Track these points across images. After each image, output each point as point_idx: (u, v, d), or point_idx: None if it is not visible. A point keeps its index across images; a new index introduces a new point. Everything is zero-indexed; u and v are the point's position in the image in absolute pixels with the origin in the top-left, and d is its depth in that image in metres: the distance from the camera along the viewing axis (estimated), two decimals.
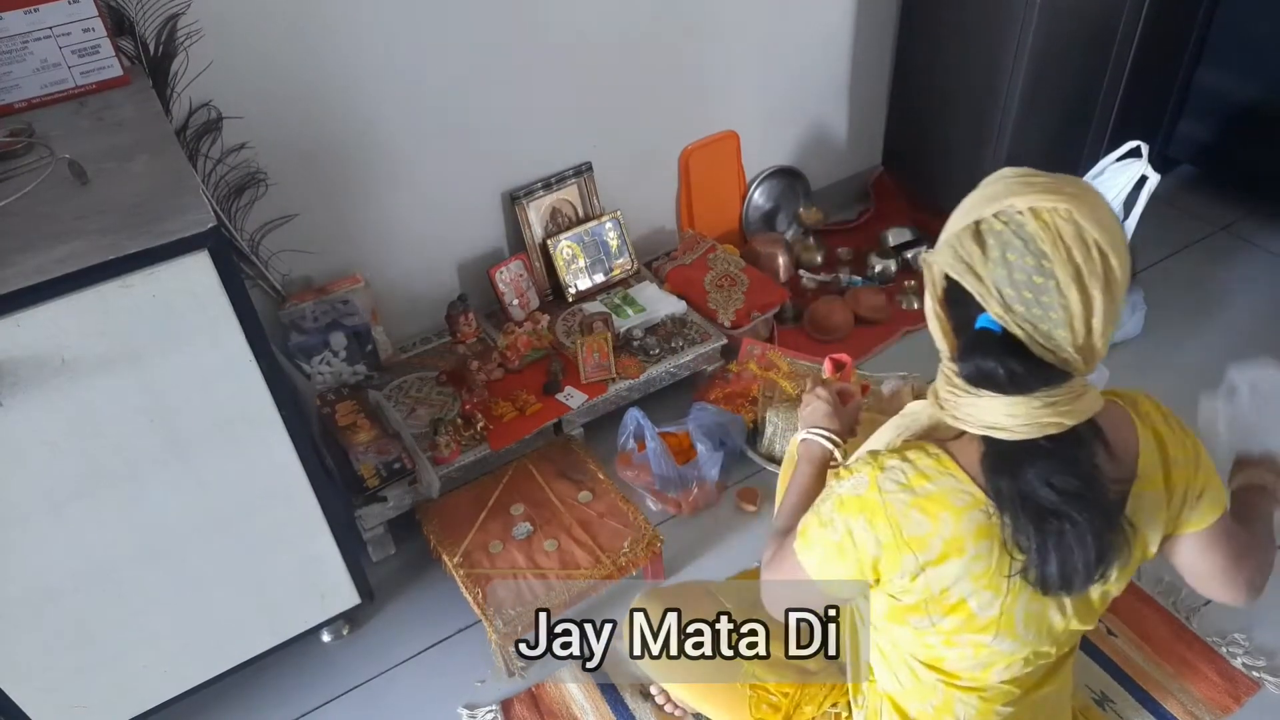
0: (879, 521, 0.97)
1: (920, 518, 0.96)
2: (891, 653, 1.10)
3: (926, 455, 0.98)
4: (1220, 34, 2.57)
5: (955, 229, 0.91)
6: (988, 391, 0.91)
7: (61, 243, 1.15)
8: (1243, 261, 2.62)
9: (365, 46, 1.86)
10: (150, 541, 1.39)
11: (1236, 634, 1.71)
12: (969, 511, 0.95)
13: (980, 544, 0.95)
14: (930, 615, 1.00)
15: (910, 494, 0.96)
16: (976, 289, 0.88)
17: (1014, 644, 1.02)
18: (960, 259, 0.89)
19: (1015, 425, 0.91)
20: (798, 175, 2.71)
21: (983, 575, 0.96)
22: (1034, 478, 0.92)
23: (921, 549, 0.96)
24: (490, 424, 1.97)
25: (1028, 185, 0.88)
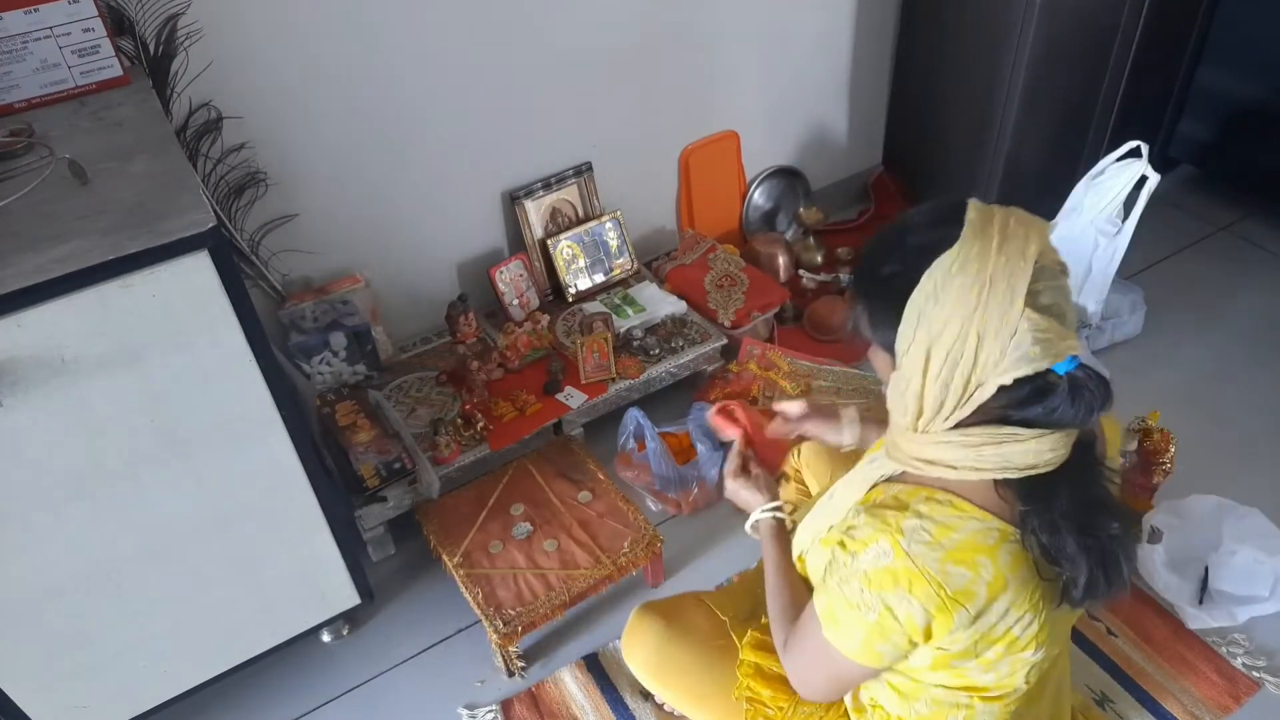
0: (919, 588, 0.91)
1: (958, 570, 0.91)
2: (912, 689, 1.05)
3: (938, 504, 0.95)
4: (1220, 34, 2.58)
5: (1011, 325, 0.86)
6: (1027, 432, 0.90)
7: (61, 243, 1.15)
8: (1243, 261, 2.62)
9: (365, 46, 1.86)
10: (150, 541, 1.39)
11: (1236, 634, 1.71)
12: (1001, 547, 0.92)
13: (1019, 573, 0.93)
14: (978, 653, 0.97)
15: (941, 550, 0.92)
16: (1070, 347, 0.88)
17: (1053, 647, 1.01)
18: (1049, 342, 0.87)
19: (1054, 456, 0.91)
20: (798, 175, 2.71)
21: (1025, 599, 0.94)
22: (1070, 499, 0.92)
23: (970, 600, 0.91)
24: (490, 424, 1.97)
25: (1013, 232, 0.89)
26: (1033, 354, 0.86)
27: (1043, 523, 0.92)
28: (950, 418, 0.92)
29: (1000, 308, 0.86)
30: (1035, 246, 0.88)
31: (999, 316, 0.86)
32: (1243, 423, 2.12)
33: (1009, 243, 0.88)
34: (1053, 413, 0.90)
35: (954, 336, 0.87)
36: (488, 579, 1.72)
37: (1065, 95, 2.42)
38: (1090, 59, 2.39)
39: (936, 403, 0.91)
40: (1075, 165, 2.48)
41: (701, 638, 1.33)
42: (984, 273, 0.87)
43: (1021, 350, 0.86)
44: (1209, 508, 1.81)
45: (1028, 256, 0.87)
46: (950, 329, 0.87)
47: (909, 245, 0.92)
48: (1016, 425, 0.91)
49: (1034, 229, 0.90)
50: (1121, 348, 2.35)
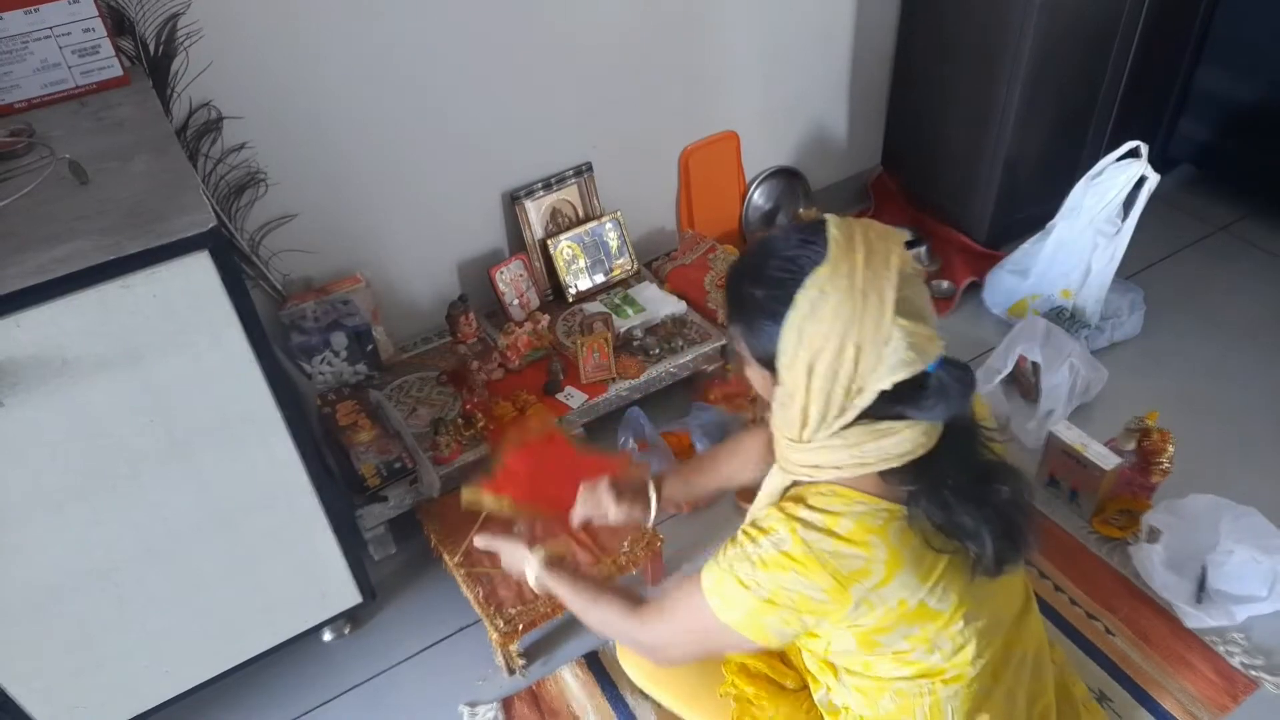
0: (814, 571, 0.97)
1: (852, 551, 0.97)
2: (872, 687, 1.09)
3: (826, 496, 1.00)
4: (1220, 34, 2.57)
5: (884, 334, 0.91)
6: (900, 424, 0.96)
7: (61, 243, 1.16)
8: (1243, 261, 2.62)
9: (365, 46, 1.86)
10: (150, 541, 1.39)
11: (1234, 633, 1.71)
12: (890, 526, 0.98)
13: (911, 547, 0.98)
14: (898, 629, 1.01)
15: (833, 536, 0.97)
16: (938, 347, 0.94)
17: (978, 618, 1.05)
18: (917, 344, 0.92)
19: (929, 440, 0.97)
20: (798, 175, 2.71)
21: (927, 575, 0.99)
22: (957, 474, 0.98)
23: (866, 577, 0.97)
24: (490, 424, 1.97)
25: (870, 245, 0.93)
26: (908, 358, 0.91)
27: (933, 502, 0.97)
28: (834, 425, 0.97)
29: (874, 318, 0.91)
30: (897, 257, 0.93)
31: (874, 327, 0.91)
32: (1242, 423, 2.13)
33: (874, 256, 0.93)
34: (929, 409, 0.95)
35: (834, 350, 0.92)
36: (488, 578, 1.73)
37: (1065, 95, 2.42)
38: (1090, 59, 2.39)
39: (820, 413, 0.96)
40: (1075, 165, 2.48)
41: None
42: (855, 287, 0.91)
43: (898, 356, 0.91)
44: (1207, 507, 1.81)
45: (891, 266, 0.92)
46: (830, 343, 0.92)
47: (776, 266, 0.96)
48: (890, 420, 0.96)
49: (892, 239, 0.95)
50: (1121, 348, 2.35)
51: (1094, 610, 1.77)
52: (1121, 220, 2.21)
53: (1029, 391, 2.20)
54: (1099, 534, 1.90)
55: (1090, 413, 2.15)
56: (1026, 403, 2.20)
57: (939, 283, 2.52)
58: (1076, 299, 2.29)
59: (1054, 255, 2.30)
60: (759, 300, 0.97)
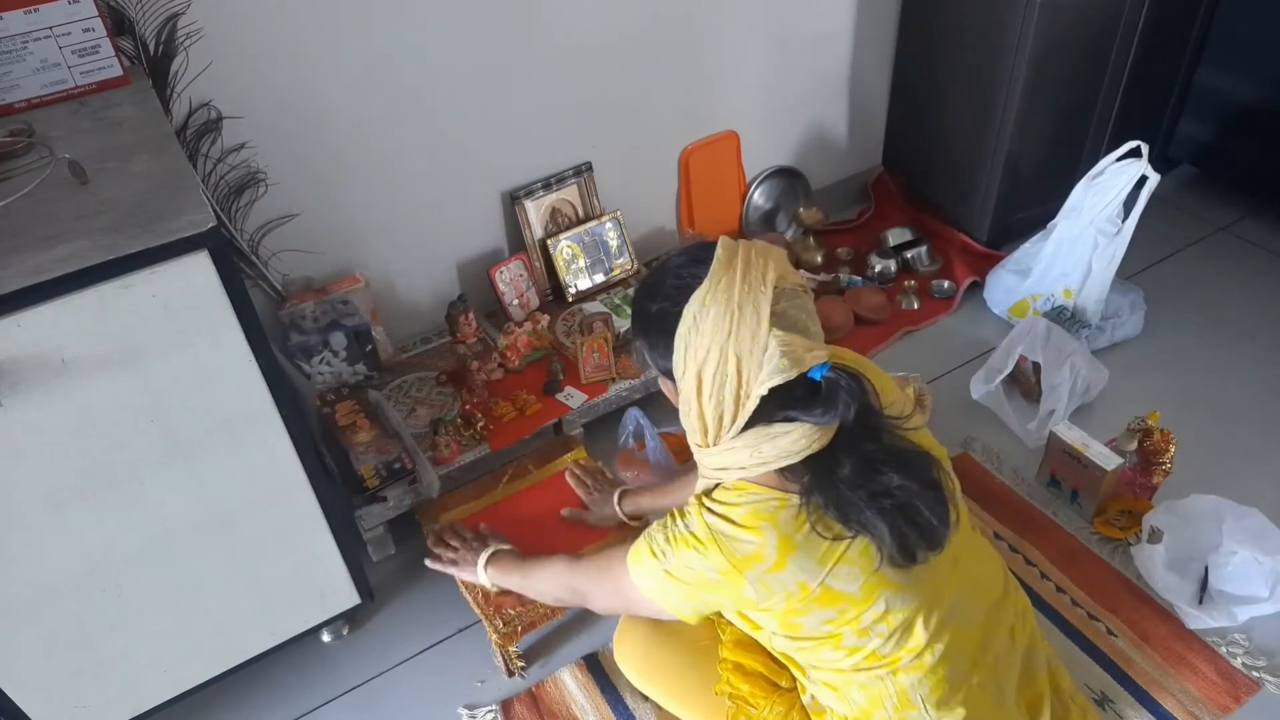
0: (711, 552, 1.07)
1: (746, 536, 1.05)
2: (838, 680, 1.14)
3: (726, 489, 1.10)
4: (1220, 34, 2.57)
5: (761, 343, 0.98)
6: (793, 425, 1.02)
7: (61, 243, 1.15)
8: (1243, 261, 2.62)
9: (366, 46, 1.86)
10: (150, 541, 1.39)
11: (1236, 634, 1.71)
12: (781, 512, 1.05)
13: (803, 532, 1.04)
14: (811, 613, 1.07)
15: (730, 523, 1.06)
16: (820, 355, 1.00)
17: (906, 595, 1.07)
18: (793, 353, 0.98)
19: (823, 435, 1.02)
20: (798, 175, 2.71)
21: (825, 556, 1.04)
22: (855, 468, 1.02)
23: (758, 562, 1.05)
24: (490, 424, 1.97)
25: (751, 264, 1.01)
26: (783, 365, 0.98)
27: (824, 493, 1.03)
28: (731, 429, 1.04)
29: (750, 330, 0.99)
30: (774, 272, 1.01)
31: (750, 337, 0.99)
32: (1243, 423, 2.12)
33: (750, 271, 1.01)
34: (818, 414, 1.01)
35: (716, 360, 1.00)
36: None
37: (1065, 95, 2.42)
38: (1090, 59, 2.39)
39: (715, 418, 1.04)
40: (1075, 165, 2.48)
41: (688, 639, 1.38)
42: (732, 301, 0.99)
43: (773, 364, 0.98)
44: (1209, 508, 1.81)
45: (767, 281, 1.00)
46: (712, 354, 1.00)
47: (670, 284, 1.05)
48: (781, 422, 1.03)
49: (771, 257, 1.03)
50: (1121, 348, 2.35)
51: (1095, 611, 1.77)
52: (1122, 220, 2.20)
53: (1030, 391, 2.20)
54: (1100, 534, 1.90)
55: (1091, 413, 2.15)
56: (1027, 403, 2.20)
57: (940, 283, 2.52)
58: (1077, 299, 2.29)
59: (1055, 255, 2.30)
60: (654, 315, 1.06)
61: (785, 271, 1.03)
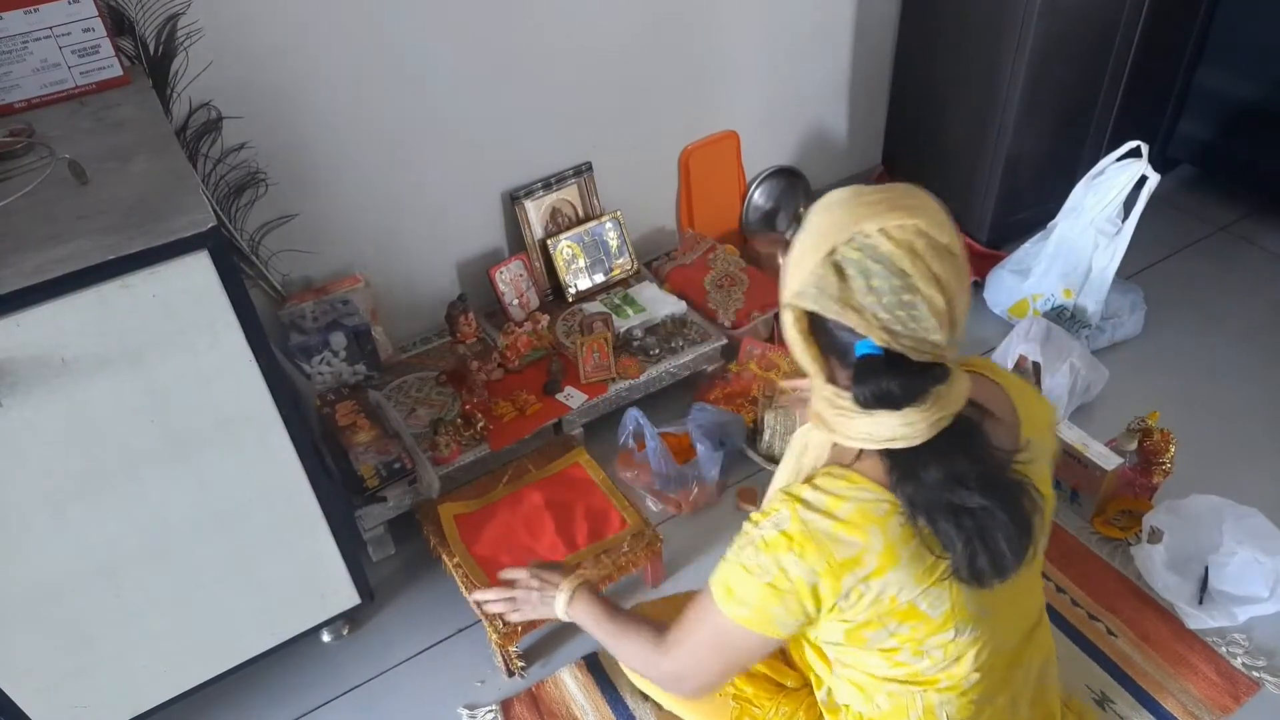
0: (809, 552, 0.97)
1: (849, 538, 0.96)
2: (868, 683, 1.09)
3: (834, 478, 1.00)
4: (1220, 34, 2.57)
5: (810, 266, 0.94)
6: (883, 410, 0.94)
7: (61, 243, 1.15)
8: (1243, 261, 2.62)
9: (365, 46, 1.86)
10: (150, 541, 1.39)
11: (1236, 634, 1.70)
12: (891, 519, 0.97)
13: (910, 546, 0.97)
14: (885, 626, 1.00)
15: (832, 519, 0.97)
16: (855, 322, 0.92)
17: (975, 629, 1.03)
18: (827, 295, 0.93)
19: (913, 433, 0.95)
20: (798, 175, 2.71)
21: (922, 574, 0.98)
22: (941, 476, 0.95)
23: (858, 566, 0.97)
24: (490, 424, 1.97)
25: (869, 206, 0.93)
26: (808, 295, 0.94)
27: (914, 499, 0.96)
28: (805, 361, 1.00)
29: (810, 248, 0.94)
30: (875, 223, 0.92)
31: (809, 253, 0.94)
32: (1243, 423, 2.12)
33: (862, 207, 0.94)
34: (857, 391, 0.94)
35: (785, 266, 0.98)
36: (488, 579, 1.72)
37: (1065, 95, 2.42)
38: (1090, 59, 2.39)
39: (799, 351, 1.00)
40: (1075, 165, 2.48)
41: None
42: (826, 217, 0.96)
43: (801, 288, 0.95)
44: (1209, 508, 1.81)
45: (856, 222, 0.92)
46: (786, 261, 0.98)
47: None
48: (880, 409, 0.95)
49: (897, 214, 0.92)
50: (1121, 348, 2.35)
51: (1095, 611, 1.76)
52: (1122, 220, 2.20)
53: None
54: (1100, 534, 1.90)
55: (1091, 413, 2.15)
56: None
57: None
58: (1077, 299, 2.29)
59: (1055, 255, 2.30)
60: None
61: (899, 238, 0.91)
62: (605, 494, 1.88)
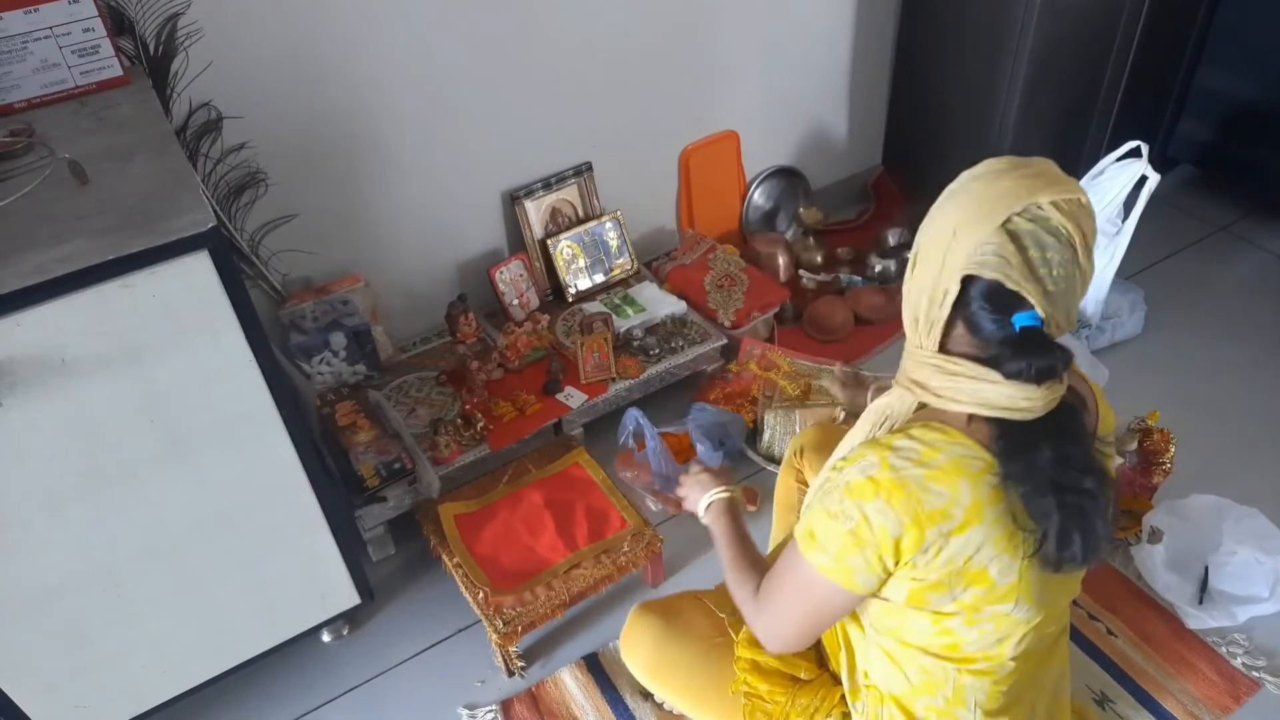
0: (897, 499, 0.94)
1: (938, 488, 0.94)
2: (901, 653, 1.07)
3: (929, 429, 0.98)
4: (1220, 34, 2.58)
5: (981, 235, 0.92)
6: (1031, 384, 0.93)
7: (61, 243, 1.15)
8: (1243, 261, 2.62)
9: (366, 46, 1.86)
10: (150, 541, 1.39)
11: (1236, 634, 1.71)
12: (984, 476, 0.95)
13: (996, 507, 0.95)
14: (952, 590, 0.98)
15: (924, 468, 0.95)
16: (1032, 293, 0.91)
17: (1031, 611, 1.02)
18: (1010, 264, 0.91)
19: (1031, 406, 0.94)
20: (798, 175, 2.71)
21: (1002, 539, 0.96)
22: (1051, 455, 0.95)
23: (944, 520, 0.94)
24: (490, 424, 1.97)
25: (1035, 178, 0.93)
26: (988, 263, 0.92)
27: (1019, 469, 0.95)
28: (927, 325, 0.98)
29: (984, 215, 0.92)
30: (1047, 194, 0.92)
31: (978, 220, 0.92)
32: (1243, 423, 2.12)
33: (1028, 179, 0.93)
34: (1008, 365, 0.93)
35: (938, 231, 0.95)
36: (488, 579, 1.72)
37: (1065, 95, 2.42)
38: (1090, 59, 2.39)
39: (914, 303, 0.99)
40: (1075, 165, 2.48)
41: (699, 635, 1.34)
42: (992, 186, 0.93)
43: (980, 256, 0.92)
44: (1209, 508, 1.81)
45: (1032, 193, 0.91)
46: (941, 224, 0.95)
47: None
48: (990, 367, 0.95)
49: (1060, 186, 0.93)
50: (1121, 348, 2.35)
51: (1095, 611, 1.77)
52: (1122, 220, 2.20)
53: None
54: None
55: None
56: None
57: None
58: None
59: None
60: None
61: (1066, 209, 0.91)
62: (605, 494, 1.88)
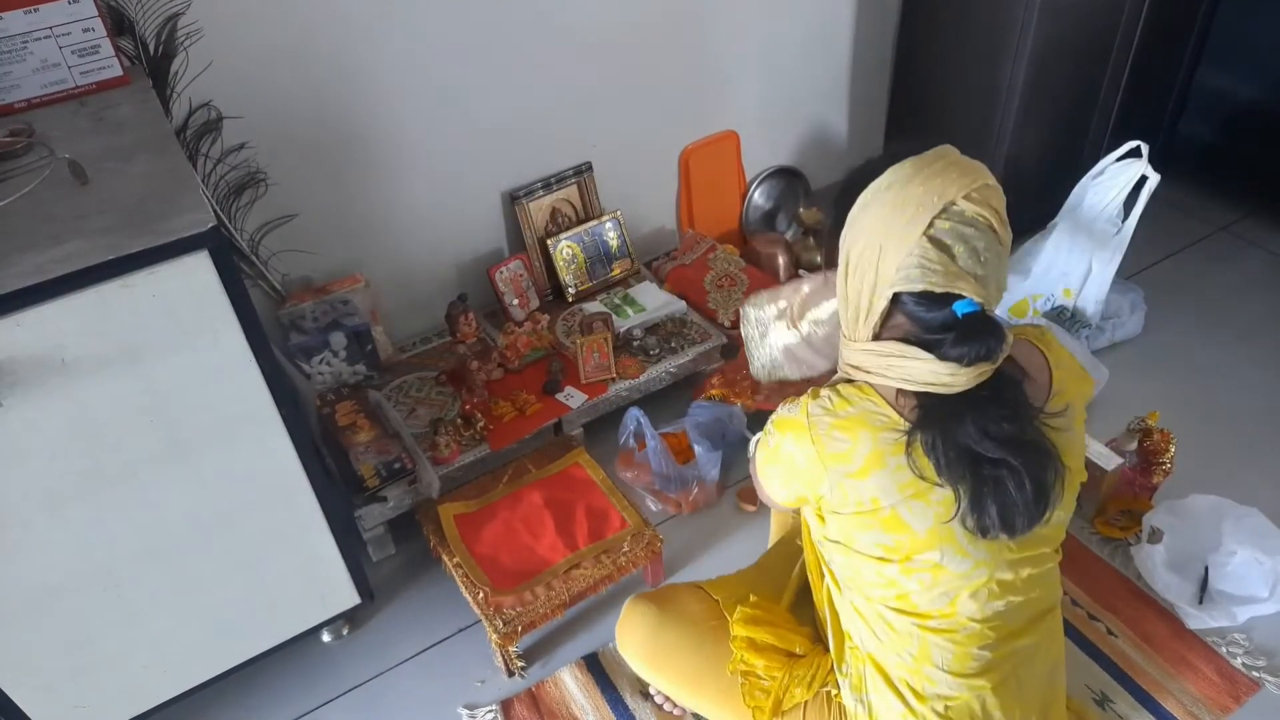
0: (804, 439, 1.09)
1: (841, 435, 1.06)
2: (866, 608, 1.15)
3: (851, 388, 1.10)
4: (1220, 34, 2.58)
5: (905, 249, 0.98)
6: (927, 354, 1.00)
7: (61, 243, 1.15)
8: (1243, 261, 2.62)
9: (366, 46, 1.86)
10: (150, 541, 1.39)
11: (1236, 634, 1.70)
12: (885, 431, 1.05)
13: (899, 457, 1.03)
14: (874, 532, 1.07)
15: (833, 416, 1.08)
16: (966, 288, 0.97)
17: (965, 562, 1.06)
18: (935, 271, 0.97)
19: (954, 382, 1.00)
20: (798, 175, 2.71)
21: (908, 485, 1.04)
22: (972, 427, 1.00)
23: (842, 462, 1.06)
24: (490, 424, 1.97)
25: (939, 176, 1.00)
26: (913, 275, 0.98)
27: (935, 437, 1.01)
28: (864, 323, 1.06)
29: (903, 227, 0.99)
30: (955, 190, 0.99)
31: (900, 235, 0.99)
32: (1243, 423, 2.12)
33: (934, 179, 1.00)
34: (945, 352, 1.00)
35: (865, 245, 1.02)
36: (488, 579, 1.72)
37: (1065, 95, 2.42)
38: (1090, 59, 2.39)
39: (853, 307, 1.07)
40: (1075, 165, 2.48)
41: (694, 620, 1.37)
42: (902, 195, 1.00)
43: (907, 270, 0.98)
44: (1209, 508, 1.81)
45: (943, 195, 0.98)
46: (866, 238, 1.02)
47: (868, 169, 1.06)
48: (919, 347, 1.01)
49: (965, 178, 1.00)
50: (1121, 348, 2.35)
51: (1095, 611, 1.77)
52: (1122, 220, 2.20)
53: None
54: (1100, 534, 1.90)
55: (1091, 413, 2.13)
56: None
57: None
58: (1077, 299, 2.29)
59: (1055, 255, 2.30)
60: (841, 194, 1.09)
61: (974, 198, 0.99)
62: (605, 494, 1.88)
